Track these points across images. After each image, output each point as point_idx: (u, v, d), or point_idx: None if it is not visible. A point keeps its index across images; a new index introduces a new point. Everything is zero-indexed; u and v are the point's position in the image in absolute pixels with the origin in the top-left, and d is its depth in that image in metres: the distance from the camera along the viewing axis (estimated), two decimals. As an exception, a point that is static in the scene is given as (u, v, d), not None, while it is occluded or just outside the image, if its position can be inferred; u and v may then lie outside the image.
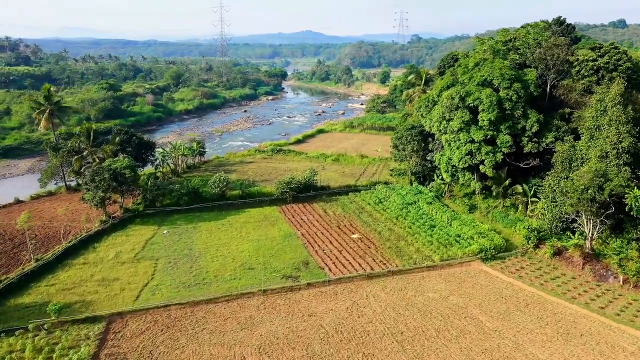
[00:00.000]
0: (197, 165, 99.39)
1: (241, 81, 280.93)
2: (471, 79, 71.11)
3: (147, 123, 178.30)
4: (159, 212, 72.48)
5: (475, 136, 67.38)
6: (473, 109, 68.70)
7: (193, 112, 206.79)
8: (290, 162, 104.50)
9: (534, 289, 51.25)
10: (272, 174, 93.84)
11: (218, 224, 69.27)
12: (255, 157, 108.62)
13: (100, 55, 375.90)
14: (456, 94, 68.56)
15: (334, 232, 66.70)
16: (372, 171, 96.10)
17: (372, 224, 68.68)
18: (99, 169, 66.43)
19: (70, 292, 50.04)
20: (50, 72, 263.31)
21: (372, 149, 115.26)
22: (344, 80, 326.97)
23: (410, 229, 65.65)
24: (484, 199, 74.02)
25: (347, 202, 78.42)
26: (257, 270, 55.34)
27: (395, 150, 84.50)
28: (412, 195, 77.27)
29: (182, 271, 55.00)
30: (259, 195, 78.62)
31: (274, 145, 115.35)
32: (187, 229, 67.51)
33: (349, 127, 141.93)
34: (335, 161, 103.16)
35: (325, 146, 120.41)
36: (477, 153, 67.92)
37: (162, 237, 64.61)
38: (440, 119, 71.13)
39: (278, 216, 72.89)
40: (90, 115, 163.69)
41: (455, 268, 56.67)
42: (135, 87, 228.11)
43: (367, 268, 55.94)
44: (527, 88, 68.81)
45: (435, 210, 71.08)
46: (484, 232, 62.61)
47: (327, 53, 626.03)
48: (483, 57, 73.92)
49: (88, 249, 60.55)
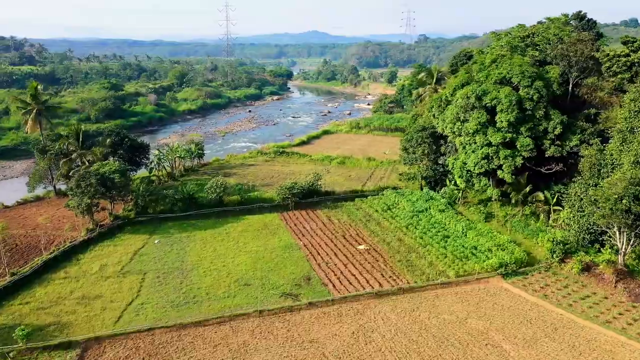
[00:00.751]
0: (196, 168, 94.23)
1: (246, 81, 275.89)
2: (488, 76, 65.47)
3: (148, 123, 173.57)
4: (152, 220, 67.29)
5: (493, 139, 61.69)
6: (490, 109, 63.03)
7: (196, 112, 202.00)
8: (294, 164, 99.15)
9: (562, 310, 45.56)
10: (273, 177, 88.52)
11: (214, 233, 63.98)
12: (257, 159, 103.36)
13: (105, 55, 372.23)
14: (472, 93, 62.92)
15: (338, 242, 61.23)
16: (379, 175, 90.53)
17: (380, 234, 63.18)
18: (86, 173, 61.36)
19: (45, 312, 44.88)
20: (53, 72, 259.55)
21: (379, 151, 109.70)
22: (350, 80, 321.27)
23: (421, 240, 60.09)
24: (501, 207, 68.31)
25: (353, 208, 72.97)
26: (254, 286, 49.97)
27: (405, 153, 78.93)
28: (422, 201, 71.68)
29: (171, 287, 49.72)
30: (259, 201, 73.27)
31: (276, 147, 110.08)
32: (181, 239, 62.26)
33: (355, 128, 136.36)
34: (340, 164, 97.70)
35: (330, 148, 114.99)
36: (495, 157, 62.21)
37: (153, 248, 59.39)
38: (454, 120, 65.51)
39: (279, 224, 67.52)
40: (90, 115, 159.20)
41: (473, 285, 51.05)
42: (139, 86, 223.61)
43: (375, 285, 50.44)
44: (550, 86, 63.10)
45: (448, 218, 65.45)
46: (503, 244, 56.92)
47: (334, 53, 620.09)
48: (500, 53, 68.22)
49: (71, 260, 55.40)
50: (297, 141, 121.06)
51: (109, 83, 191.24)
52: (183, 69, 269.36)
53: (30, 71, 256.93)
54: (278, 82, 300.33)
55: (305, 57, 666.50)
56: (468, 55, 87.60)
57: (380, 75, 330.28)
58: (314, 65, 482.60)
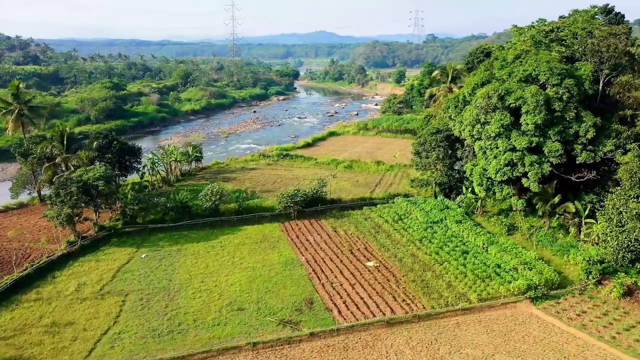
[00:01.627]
0: (193, 173, 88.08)
1: (252, 81, 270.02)
2: (511, 74, 58.80)
3: (150, 124, 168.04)
4: (141, 231, 61.17)
5: (517, 143, 54.98)
6: (514, 111, 56.37)
7: (200, 113, 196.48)
8: (298, 168, 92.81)
9: (605, 344, 38.92)
10: (275, 183, 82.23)
11: (207, 246, 57.75)
12: (259, 162, 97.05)
13: (110, 54, 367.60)
14: (494, 92, 56.24)
15: (345, 258, 54.81)
16: (389, 180, 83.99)
17: (392, 248, 56.69)
18: (66, 180, 55.36)
19: (6, 344, 38.80)
20: (57, 72, 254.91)
21: (388, 153, 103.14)
22: (357, 80, 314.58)
23: (437, 256, 53.55)
24: (524, 217, 61.69)
25: (361, 218, 66.54)
26: (248, 311, 43.69)
27: (417, 158, 72.36)
28: (437, 211, 65.13)
29: (154, 312, 43.54)
30: (259, 210, 66.97)
31: (280, 150, 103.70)
32: (171, 252, 56.09)
33: (363, 129, 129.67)
34: (347, 168, 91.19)
35: (336, 150, 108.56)
36: (519, 163, 55.48)
37: (139, 263, 53.24)
38: (473, 122, 58.89)
39: (279, 236, 61.21)
40: (90, 116, 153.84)
41: (498, 311, 44.48)
42: (142, 86, 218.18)
43: (387, 310, 43.99)
44: (581, 85, 56.31)
45: (466, 230, 58.85)
46: (531, 262, 50.25)
47: (341, 53, 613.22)
48: (524, 48, 61.47)
49: (45, 278, 49.31)
50: (301, 143, 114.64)
51: (110, 82, 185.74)
52: (187, 69, 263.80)
53: (34, 71, 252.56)
54: (284, 81, 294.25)
55: (313, 57, 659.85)
56: (485, 52, 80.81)
57: (388, 75, 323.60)
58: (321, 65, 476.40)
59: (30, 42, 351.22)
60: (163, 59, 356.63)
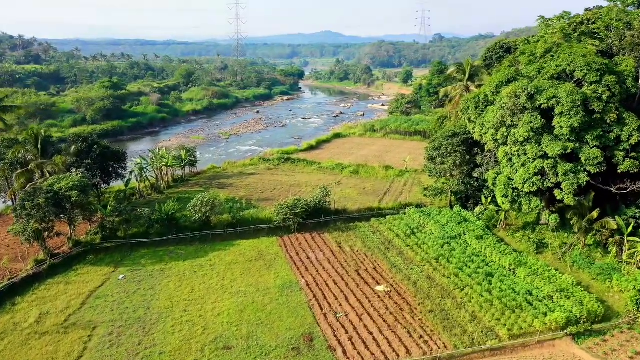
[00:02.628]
0: (187, 178, 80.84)
1: (256, 80, 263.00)
2: (541, 70, 51.27)
3: (149, 124, 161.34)
4: (121, 246, 54.06)
5: (550, 149, 47.47)
6: (545, 112, 48.92)
7: (202, 113, 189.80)
8: (300, 174, 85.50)
9: (670, 400, 31.52)
10: (275, 190, 74.99)
11: (195, 265, 50.61)
12: (258, 167, 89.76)
13: (113, 53, 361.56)
14: (522, 91, 48.74)
15: (351, 280, 47.51)
16: (399, 188, 76.56)
17: (404, 269, 49.33)
18: (34, 190, 48.37)
19: (-61, 395, 31.97)
20: (58, 71, 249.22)
21: (397, 157, 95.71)
22: (363, 80, 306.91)
23: (457, 279, 46.17)
24: (553, 231, 54.19)
25: (368, 231, 59.22)
26: (236, 351, 36.47)
27: (431, 164, 64.94)
28: (454, 224, 57.72)
29: (124, 351, 36.40)
30: (255, 222, 59.73)
31: (281, 154, 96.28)
32: (152, 273, 48.98)
33: (369, 131, 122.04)
34: (353, 174, 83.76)
35: (342, 154, 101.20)
36: (552, 173, 48.01)
37: (115, 286, 46.17)
38: (497, 124, 51.39)
39: (277, 253, 53.96)
40: (86, 116, 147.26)
41: (534, 350, 37.08)
42: (143, 86, 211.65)
43: (401, 350, 36.65)
44: (623, 83, 48.80)
45: (489, 248, 51.39)
46: (568, 289, 42.77)
47: (347, 53, 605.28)
48: (555, 41, 53.91)
49: (4, 306, 42.26)
50: (304, 146, 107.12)
51: (109, 82, 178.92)
52: (190, 68, 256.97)
53: (35, 70, 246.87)
54: (289, 81, 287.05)
55: (318, 57, 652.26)
56: (505, 48, 73.28)
57: (394, 75, 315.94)
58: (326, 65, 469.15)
59: (34, 42, 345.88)
60: (166, 59, 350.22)
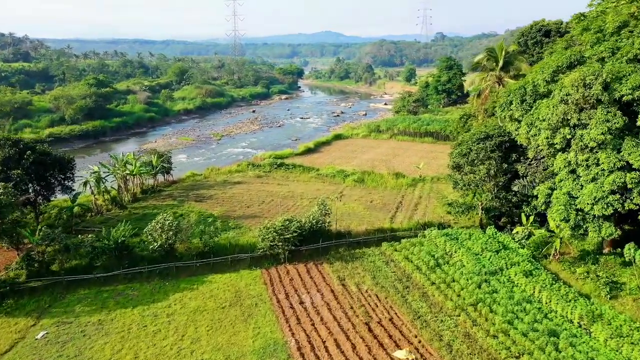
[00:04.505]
0: (159, 189, 66.71)
1: (253, 79, 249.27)
2: (615, 51, 37.63)
3: (135, 124, 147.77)
4: (54, 285, 40.35)
5: (634, 159, 33.87)
6: (627, 107, 35.32)
7: (194, 112, 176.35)
8: (295, 182, 71.68)
9: None
10: (264, 203, 61.24)
11: (147, 315, 36.82)
12: (246, 174, 75.80)
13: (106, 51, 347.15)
14: (594, 78, 35.09)
15: (359, 339, 33.75)
16: (413, 200, 62.77)
17: (432, 321, 35.56)
18: None
19: None
20: (47, 69, 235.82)
21: (407, 162, 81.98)
22: (365, 79, 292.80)
23: (508, 339, 32.45)
24: (621, 266, 40.50)
25: (379, 261, 45.44)
26: None
27: (457, 174, 51.21)
28: (491, 253, 43.94)
29: None
30: (234, 249, 45.91)
31: (273, 158, 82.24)
32: (86, 328, 35.21)
33: (374, 132, 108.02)
34: (358, 182, 69.83)
35: (344, 157, 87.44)
36: (637, 190, 34.38)
37: (28, 351, 32.47)
38: (557, 123, 37.66)
39: (260, 294, 40.18)
40: (64, 115, 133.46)
41: None
42: (133, 84, 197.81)
43: None
44: None
45: (545, 291, 37.57)
46: (676, 363, 29.10)
47: (347, 52, 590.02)
48: (633, 12, 40.21)
49: None
50: (301, 149, 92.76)
51: (94, 79, 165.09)
52: (183, 66, 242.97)
53: (22, 68, 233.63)
54: (288, 80, 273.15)
55: (319, 57, 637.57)
56: (544, 31, 59.35)
57: (397, 74, 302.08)
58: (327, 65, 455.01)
59: (26, 40, 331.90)
60: (161, 57, 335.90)
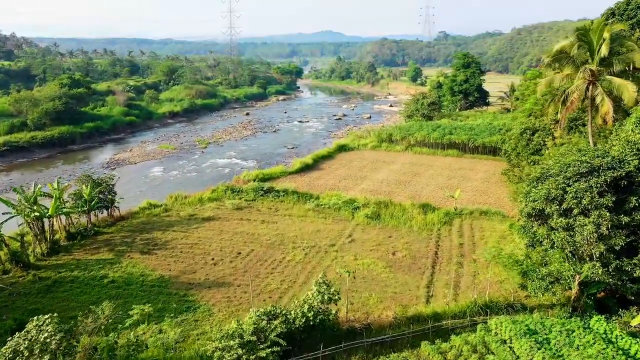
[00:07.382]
0: (95, 230, 46.76)
1: (249, 78, 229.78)
2: None
3: (112, 130, 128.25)
4: None
5: None
6: None
7: (181, 115, 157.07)
8: (286, 218, 51.76)
9: None
10: (240, 257, 41.42)
11: None
12: (222, 203, 55.66)
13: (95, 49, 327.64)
14: None
15: None
16: (453, 249, 42.96)
17: None
18: None
19: None
20: (28, 68, 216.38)
21: (433, 185, 62.45)
22: (367, 79, 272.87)
23: None
24: None
25: (421, 387, 26.03)
26: None
27: (539, 226, 31.55)
28: (621, 382, 24.53)
29: None
30: (171, 369, 26.51)
31: (260, 180, 62.33)
32: None
33: (386, 142, 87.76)
34: (372, 219, 49.76)
35: (350, 177, 67.75)
36: None
37: None
38: None
39: None
40: (27, 120, 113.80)
41: None
42: (115, 84, 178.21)
43: None
44: None
45: None
46: None
47: (348, 52, 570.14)
48: None
49: None
50: (296, 165, 71.82)
51: (68, 78, 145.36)
52: (172, 64, 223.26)
53: (1, 67, 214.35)
54: (286, 80, 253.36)
55: (319, 57, 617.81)
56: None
57: (401, 73, 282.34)
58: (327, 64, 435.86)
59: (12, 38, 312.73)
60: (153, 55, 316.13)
